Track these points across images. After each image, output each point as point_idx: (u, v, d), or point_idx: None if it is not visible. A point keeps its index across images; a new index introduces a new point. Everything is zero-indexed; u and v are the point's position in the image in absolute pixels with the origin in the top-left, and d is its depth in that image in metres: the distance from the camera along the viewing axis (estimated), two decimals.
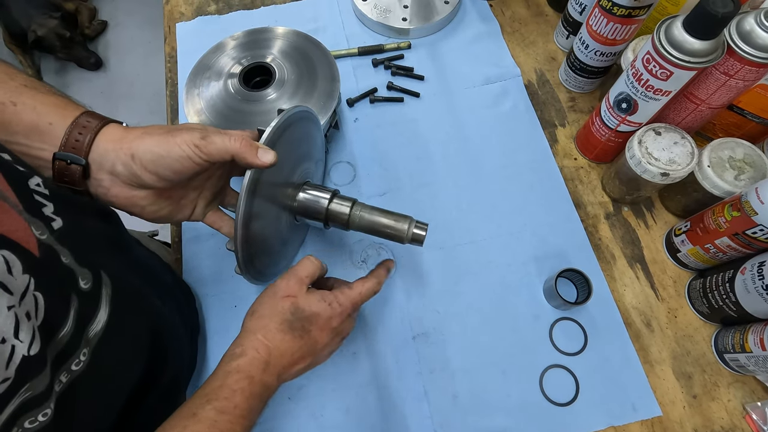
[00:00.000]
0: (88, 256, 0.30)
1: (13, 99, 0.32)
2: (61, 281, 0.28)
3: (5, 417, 0.23)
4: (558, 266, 0.50)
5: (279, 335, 0.37)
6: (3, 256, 0.23)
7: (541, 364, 0.49)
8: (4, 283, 0.23)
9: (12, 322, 0.23)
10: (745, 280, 0.43)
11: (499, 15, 0.72)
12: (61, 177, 0.33)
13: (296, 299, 0.38)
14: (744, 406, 0.47)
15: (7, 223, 0.25)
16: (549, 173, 0.59)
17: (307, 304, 0.38)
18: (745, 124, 0.51)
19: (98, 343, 0.30)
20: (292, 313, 0.37)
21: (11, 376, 0.23)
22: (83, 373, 0.29)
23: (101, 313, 0.31)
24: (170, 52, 0.70)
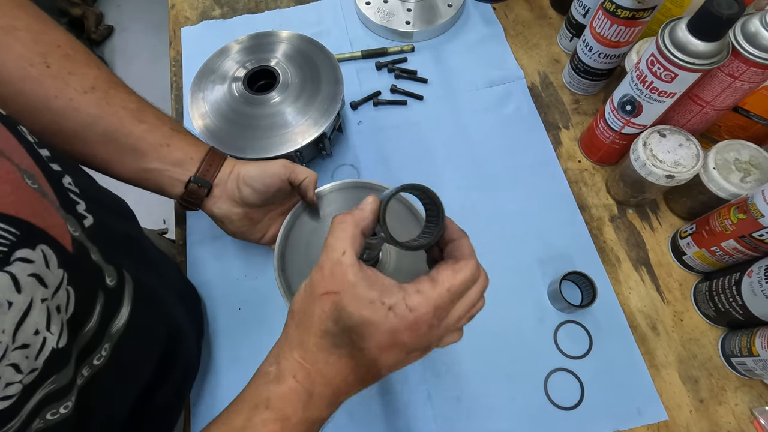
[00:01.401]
0: (113, 255, 0.32)
1: (167, 141, 0.43)
2: (90, 277, 0.29)
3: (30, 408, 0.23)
4: (562, 269, 0.50)
5: (321, 355, 0.27)
6: (42, 250, 0.24)
7: (545, 367, 0.49)
8: (42, 276, 0.24)
9: (45, 315, 0.24)
10: (751, 283, 0.43)
11: (503, 18, 0.72)
12: (190, 194, 0.44)
13: (339, 297, 0.26)
14: (752, 410, 0.46)
15: (48, 218, 0.26)
16: (553, 176, 0.59)
17: (356, 307, 0.26)
18: (750, 126, 0.51)
19: (119, 339, 0.31)
20: (334, 320, 0.26)
21: (39, 367, 0.23)
22: (104, 368, 0.30)
23: (124, 309, 0.32)
24: (175, 56, 0.71)
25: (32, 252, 0.23)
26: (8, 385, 0.21)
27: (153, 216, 1.45)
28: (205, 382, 0.49)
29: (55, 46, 0.40)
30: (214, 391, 0.48)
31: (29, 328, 0.22)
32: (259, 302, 0.52)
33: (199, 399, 0.48)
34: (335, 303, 0.26)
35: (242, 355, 0.50)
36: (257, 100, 0.53)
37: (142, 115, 0.43)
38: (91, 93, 0.40)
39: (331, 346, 0.27)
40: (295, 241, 0.50)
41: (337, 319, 0.26)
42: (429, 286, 0.27)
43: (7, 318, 0.21)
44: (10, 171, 0.25)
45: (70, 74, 0.39)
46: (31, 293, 0.23)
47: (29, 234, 0.24)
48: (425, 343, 0.28)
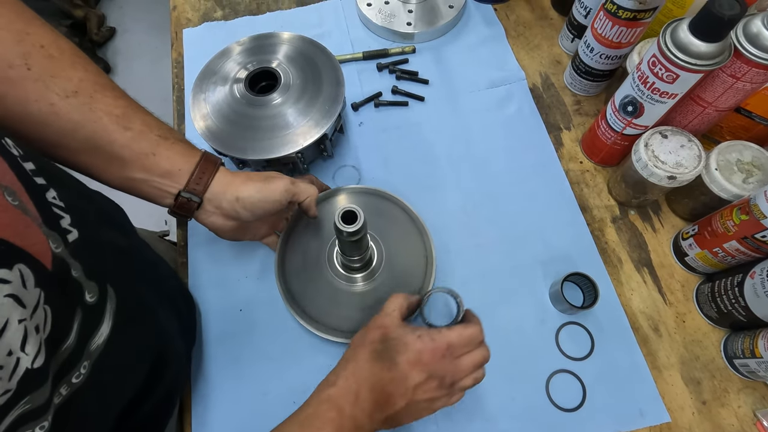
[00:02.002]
0: (96, 269, 0.31)
1: (153, 150, 0.41)
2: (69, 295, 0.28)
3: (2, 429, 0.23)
4: (564, 270, 0.50)
5: (367, 365, 0.37)
6: (19, 269, 0.24)
7: (547, 368, 0.49)
8: (19, 296, 0.23)
9: (21, 335, 0.23)
10: (754, 285, 0.42)
11: (504, 19, 0.72)
12: (180, 207, 0.43)
13: (387, 330, 0.38)
14: (755, 412, 0.46)
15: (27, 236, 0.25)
16: (554, 177, 0.59)
17: (397, 334, 0.38)
18: (753, 127, 0.51)
19: (99, 357, 0.31)
20: (381, 341, 0.38)
21: (13, 388, 0.23)
22: (83, 386, 0.29)
23: (104, 326, 0.31)
24: (177, 57, 0.71)
25: (9, 272, 0.23)
26: None
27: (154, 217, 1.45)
28: (206, 382, 0.49)
29: (39, 46, 0.37)
30: (215, 391, 0.48)
31: (2, 349, 0.22)
32: (260, 303, 0.52)
33: (200, 399, 0.48)
34: (383, 333, 0.38)
35: (243, 356, 0.50)
36: (259, 101, 0.53)
37: (127, 122, 0.40)
38: (74, 98, 0.38)
39: (377, 359, 0.37)
40: (293, 246, 0.53)
41: (383, 340, 0.38)
42: (446, 329, 0.39)
43: None
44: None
45: (52, 77, 0.37)
46: (7, 314, 0.23)
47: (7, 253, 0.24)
48: (441, 371, 0.37)
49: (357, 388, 0.35)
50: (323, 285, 0.51)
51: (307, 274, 0.52)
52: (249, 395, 0.48)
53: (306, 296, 0.51)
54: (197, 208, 0.43)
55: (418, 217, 0.54)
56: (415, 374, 0.36)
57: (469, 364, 0.39)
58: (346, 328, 0.49)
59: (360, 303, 0.50)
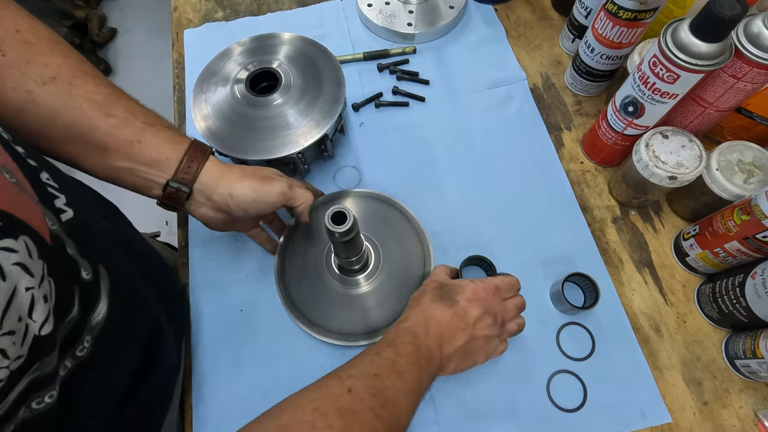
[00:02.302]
0: (89, 250, 0.32)
1: (138, 138, 0.40)
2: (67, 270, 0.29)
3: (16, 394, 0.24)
4: (565, 270, 0.50)
5: (431, 305, 0.41)
6: (24, 241, 0.25)
7: (548, 369, 0.48)
8: (26, 265, 0.24)
9: (28, 302, 0.24)
10: (755, 285, 0.42)
11: (504, 19, 0.72)
12: (169, 197, 0.42)
13: (442, 280, 0.44)
14: (756, 413, 0.46)
15: (27, 211, 0.26)
16: (555, 177, 0.59)
17: (451, 282, 0.44)
18: (754, 127, 0.51)
19: (100, 332, 0.32)
20: (439, 287, 0.43)
21: (24, 354, 0.24)
22: (86, 360, 0.30)
23: (102, 304, 0.32)
24: (178, 58, 0.71)
25: (15, 242, 0.24)
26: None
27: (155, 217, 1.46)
28: (207, 383, 0.49)
29: (14, 31, 0.36)
30: (216, 392, 0.48)
31: (14, 314, 0.23)
32: (260, 304, 0.52)
33: (201, 400, 0.48)
34: (440, 282, 0.44)
35: (244, 356, 0.50)
36: (259, 101, 0.53)
37: (110, 108, 0.39)
38: (52, 84, 0.37)
39: (438, 299, 0.42)
40: (292, 252, 0.54)
41: (441, 287, 0.43)
42: (490, 278, 0.44)
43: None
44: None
45: (27, 63, 0.36)
46: (15, 281, 0.23)
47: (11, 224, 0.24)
48: (493, 307, 0.42)
49: (425, 322, 0.40)
50: (322, 288, 0.51)
51: (306, 279, 0.52)
52: (249, 395, 0.48)
53: (305, 300, 0.51)
54: (187, 198, 0.42)
55: (415, 218, 0.54)
56: (473, 309, 0.41)
57: (514, 306, 0.44)
58: (345, 330, 0.49)
59: (358, 306, 0.50)
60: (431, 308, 0.41)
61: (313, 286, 0.52)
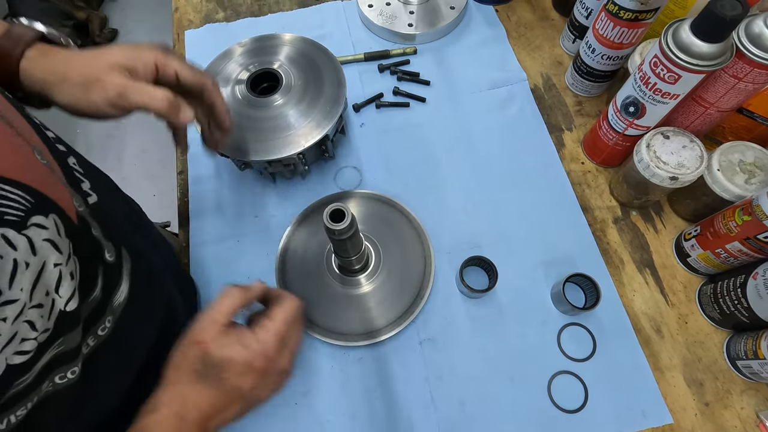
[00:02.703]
0: (112, 233, 0.33)
1: None
2: (92, 251, 0.31)
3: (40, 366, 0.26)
4: (566, 271, 0.49)
5: (189, 387, 0.33)
6: (54, 219, 0.26)
7: (549, 370, 0.48)
8: (55, 242, 0.26)
9: (56, 278, 0.26)
10: (757, 286, 0.42)
11: (505, 20, 0.72)
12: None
13: (206, 345, 0.34)
14: (758, 414, 0.46)
15: (57, 191, 0.27)
16: (556, 177, 0.59)
17: (218, 350, 0.33)
18: (755, 128, 0.51)
19: (121, 313, 0.33)
20: (200, 361, 0.33)
21: (50, 327, 0.25)
22: (107, 340, 0.32)
23: (123, 285, 0.34)
24: None
25: (46, 219, 0.25)
26: (24, 341, 0.24)
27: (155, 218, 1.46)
28: None
29: None
30: None
31: (42, 289, 0.24)
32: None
33: None
34: (202, 350, 0.34)
35: None
36: (260, 102, 0.53)
37: None
38: None
39: (199, 379, 0.33)
40: (293, 253, 0.54)
41: (202, 360, 0.33)
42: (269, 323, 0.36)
43: (24, 278, 0.23)
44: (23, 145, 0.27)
45: None
46: (44, 256, 0.25)
47: (43, 203, 0.25)
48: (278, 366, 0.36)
49: (181, 411, 0.32)
50: (323, 289, 0.51)
51: (306, 279, 0.52)
52: None
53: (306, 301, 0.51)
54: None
55: (416, 219, 0.55)
56: (247, 382, 0.34)
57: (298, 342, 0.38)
58: (346, 330, 0.49)
59: (359, 306, 0.51)
60: (189, 392, 0.33)
61: (314, 287, 0.52)
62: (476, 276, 0.53)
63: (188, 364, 0.33)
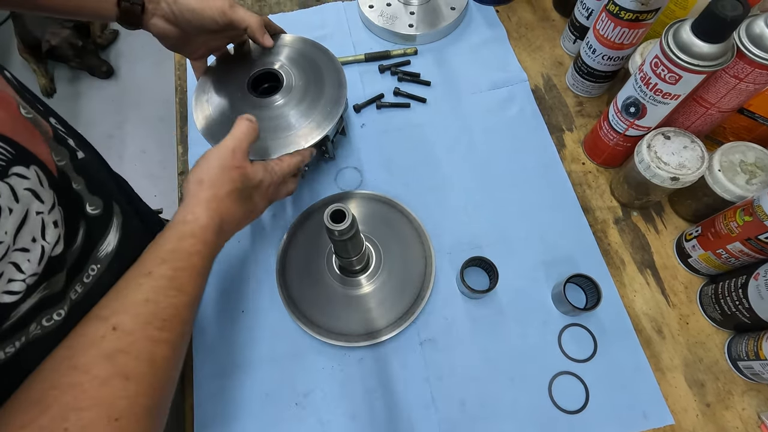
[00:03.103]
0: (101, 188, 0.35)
1: None
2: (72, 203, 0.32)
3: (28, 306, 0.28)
4: (566, 272, 0.49)
5: (230, 203, 0.39)
6: (35, 170, 0.28)
7: (549, 370, 0.48)
8: (37, 192, 0.27)
9: (40, 225, 0.27)
10: (758, 286, 0.42)
11: (506, 20, 0.72)
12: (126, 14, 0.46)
13: (245, 169, 0.41)
14: (759, 414, 0.46)
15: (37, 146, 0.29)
16: (557, 178, 0.59)
17: (254, 174, 0.42)
18: (756, 128, 0.51)
19: (109, 264, 0.36)
20: (242, 182, 0.40)
21: (40, 272, 0.27)
22: (94, 286, 0.34)
23: (111, 237, 0.36)
24: (180, 60, 0.71)
25: (27, 170, 0.27)
26: (11, 282, 0.26)
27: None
28: (209, 384, 0.49)
29: None
30: (218, 393, 0.48)
31: (27, 234, 0.26)
32: (262, 305, 0.52)
33: (203, 401, 0.48)
34: (242, 173, 0.40)
35: (245, 357, 0.50)
36: (261, 103, 0.53)
37: None
38: None
39: (238, 198, 0.40)
40: (293, 254, 0.54)
41: (243, 180, 0.41)
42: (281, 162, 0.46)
43: (8, 222, 0.25)
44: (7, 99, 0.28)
45: None
46: (26, 204, 0.26)
47: (23, 155, 0.27)
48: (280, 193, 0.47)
49: (221, 224, 0.38)
50: (323, 289, 0.51)
51: (307, 280, 0.52)
52: (251, 397, 0.48)
53: (307, 302, 0.51)
54: (142, 12, 0.46)
55: (416, 219, 0.55)
56: (262, 202, 0.44)
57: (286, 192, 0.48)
58: (346, 331, 0.49)
59: (360, 306, 0.51)
60: (230, 208, 0.39)
61: (315, 287, 0.52)
62: (477, 276, 0.53)
63: (230, 182, 0.39)
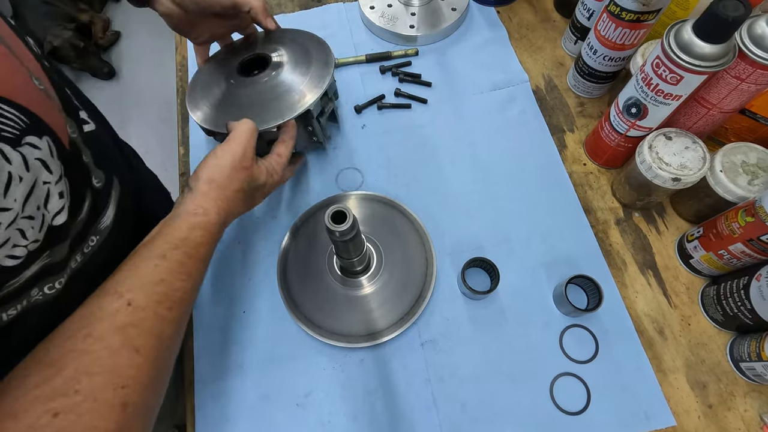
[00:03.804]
0: (104, 160, 0.37)
1: None
2: (81, 175, 0.33)
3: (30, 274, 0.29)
4: (568, 272, 0.49)
5: (235, 203, 0.42)
6: (47, 141, 0.28)
7: (551, 372, 0.48)
8: (47, 162, 0.28)
9: (45, 195, 0.28)
10: (760, 287, 0.42)
11: (507, 21, 0.72)
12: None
13: (251, 171, 0.43)
14: (761, 416, 0.46)
15: (51, 115, 0.30)
16: (558, 179, 0.58)
17: (259, 175, 0.44)
18: (758, 129, 0.51)
19: (108, 235, 0.37)
20: (248, 183, 0.43)
21: (40, 239, 0.28)
22: (93, 256, 0.36)
23: (110, 210, 0.38)
24: (181, 60, 0.71)
25: (39, 140, 0.27)
26: (15, 247, 0.26)
27: None
28: (210, 385, 0.49)
29: None
30: (220, 396, 0.48)
31: (33, 203, 0.27)
32: (263, 306, 0.52)
33: (203, 402, 0.48)
34: (249, 175, 0.43)
35: (246, 358, 0.50)
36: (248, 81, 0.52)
37: None
38: None
39: (243, 197, 0.43)
40: (295, 254, 0.55)
41: (249, 182, 0.43)
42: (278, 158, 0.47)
43: (18, 190, 0.26)
44: (21, 68, 0.29)
45: None
46: (36, 174, 0.27)
47: (37, 124, 0.27)
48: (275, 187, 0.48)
49: (225, 219, 0.41)
50: (324, 290, 0.51)
51: (308, 280, 0.52)
52: (252, 398, 0.48)
53: (308, 302, 0.51)
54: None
55: (417, 220, 0.55)
56: (259, 198, 0.47)
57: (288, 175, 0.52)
58: (347, 332, 0.49)
59: (361, 307, 0.50)
60: (235, 206, 0.42)
61: (316, 288, 0.52)
62: (478, 277, 0.53)
63: (237, 182, 0.42)
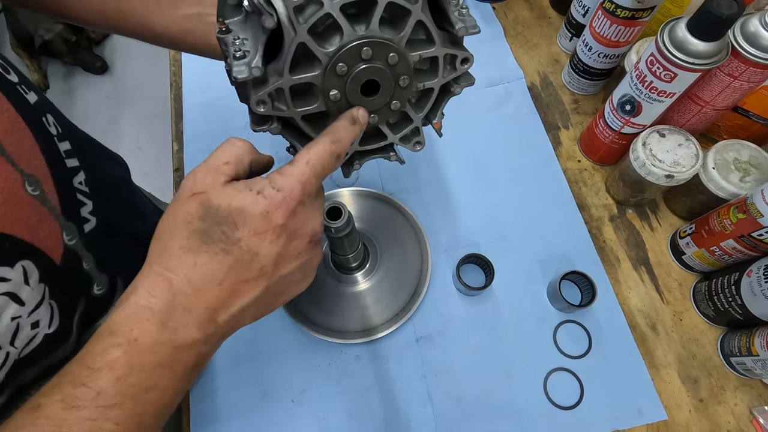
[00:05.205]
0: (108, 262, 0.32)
1: None
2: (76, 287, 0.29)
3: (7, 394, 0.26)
4: (562, 269, 0.50)
5: (188, 258, 0.23)
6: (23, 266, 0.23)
7: (545, 367, 0.49)
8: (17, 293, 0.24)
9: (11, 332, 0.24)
10: (751, 283, 0.43)
11: (502, 18, 0.72)
12: None
13: (207, 195, 0.24)
14: (751, 410, 0.46)
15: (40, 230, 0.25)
16: (552, 175, 0.59)
17: (224, 199, 0.24)
18: (750, 126, 0.51)
19: None
20: (201, 217, 0.23)
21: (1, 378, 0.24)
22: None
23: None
24: (174, 55, 0.70)
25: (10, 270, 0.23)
26: None
27: None
28: (206, 383, 0.49)
29: None
30: (215, 392, 0.48)
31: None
32: None
33: (200, 400, 0.48)
34: (202, 202, 0.24)
35: (242, 355, 0.50)
36: None
37: None
38: None
39: (201, 244, 0.23)
40: None
41: (204, 215, 0.23)
42: (288, 167, 0.25)
43: None
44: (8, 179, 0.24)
45: None
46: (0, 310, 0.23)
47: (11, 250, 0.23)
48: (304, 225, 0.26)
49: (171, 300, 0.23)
50: (319, 286, 0.51)
51: None
52: (248, 395, 0.48)
53: (303, 299, 0.51)
54: None
55: (413, 216, 0.55)
56: (268, 244, 0.24)
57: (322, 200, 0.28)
58: (343, 328, 0.49)
59: (356, 303, 0.51)
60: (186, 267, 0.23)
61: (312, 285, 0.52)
62: (473, 274, 0.53)
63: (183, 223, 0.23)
